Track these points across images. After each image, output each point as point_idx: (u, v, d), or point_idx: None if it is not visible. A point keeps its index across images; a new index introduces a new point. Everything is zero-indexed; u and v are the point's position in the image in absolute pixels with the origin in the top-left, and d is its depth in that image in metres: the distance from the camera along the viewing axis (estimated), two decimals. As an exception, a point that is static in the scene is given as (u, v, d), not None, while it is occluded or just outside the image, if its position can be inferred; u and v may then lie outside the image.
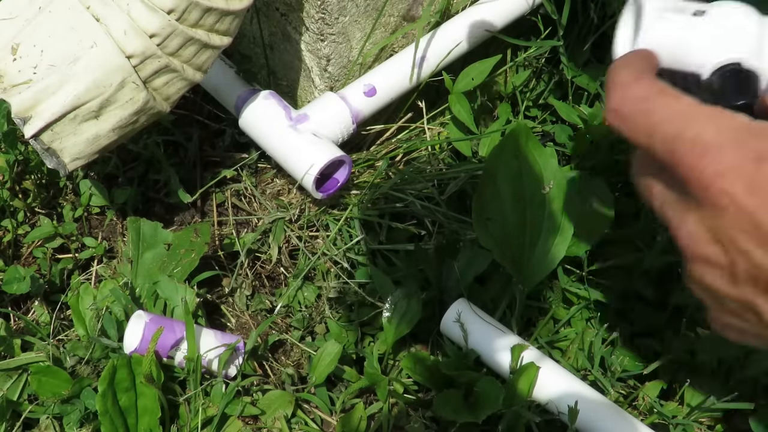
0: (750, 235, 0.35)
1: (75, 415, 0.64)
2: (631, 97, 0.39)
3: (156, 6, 0.59)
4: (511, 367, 0.65)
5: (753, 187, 0.35)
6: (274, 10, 0.79)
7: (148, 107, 0.63)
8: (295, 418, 0.67)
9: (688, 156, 0.36)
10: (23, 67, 0.59)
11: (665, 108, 0.37)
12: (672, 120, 0.37)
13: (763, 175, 0.35)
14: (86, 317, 0.69)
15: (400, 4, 0.81)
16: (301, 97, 0.86)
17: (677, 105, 0.37)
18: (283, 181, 0.84)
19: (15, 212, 0.79)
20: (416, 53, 0.80)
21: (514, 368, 0.65)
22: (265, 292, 0.77)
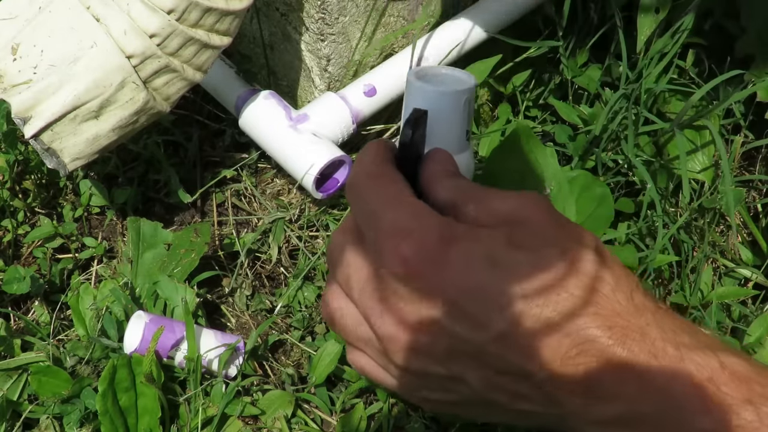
0: (446, 312, 0.37)
1: (75, 415, 0.64)
2: (363, 169, 0.42)
3: (156, 6, 0.59)
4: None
5: (437, 269, 0.37)
6: (274, 10, 0.79)
7: (148, 107, 0.63)
8: (295, 418, 0.67)
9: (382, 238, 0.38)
10: (23, 67, 0.59)
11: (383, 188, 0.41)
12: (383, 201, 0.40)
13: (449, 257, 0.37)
14: (86, 317, 0.69)
15: (401, 4, 0.81)
16: (301, 97, 0.86)
17: (389, 188, 0.40)
18: (283, 181, 0.84)
19: (15, 212, 0.79)
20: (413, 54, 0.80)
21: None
22: (265, 292, 0.77)
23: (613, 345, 0.35)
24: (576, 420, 0.37)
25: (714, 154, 0.80)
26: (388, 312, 0.38)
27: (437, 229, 0.38)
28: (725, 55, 0.81)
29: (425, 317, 0.37)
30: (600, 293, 0.36)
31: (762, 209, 0.82)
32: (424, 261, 0.37)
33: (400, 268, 0.37)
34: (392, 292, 0.38)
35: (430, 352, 0.38)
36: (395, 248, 0.37)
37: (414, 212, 0.39)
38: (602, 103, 0.85)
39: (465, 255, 0.37)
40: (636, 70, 0.80)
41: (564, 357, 0.35)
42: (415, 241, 0.37)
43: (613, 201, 0.73)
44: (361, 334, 0.41)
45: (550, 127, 0.87)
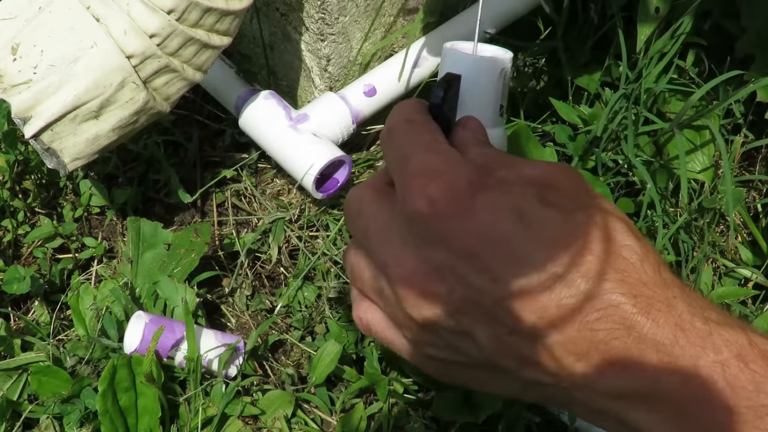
0: (466, 261, 0.35)
1: (75, 415, 0.64)
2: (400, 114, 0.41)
3: (156, 6, 0.59)
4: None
5: (462, 214, 0.35)
6: (274, 10, 0.79)
7: (148, 107, 0.63)
8: (295, 418, 0.67)
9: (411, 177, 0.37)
10: (23, 67, 0.59)
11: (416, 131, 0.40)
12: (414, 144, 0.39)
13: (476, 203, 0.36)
14: (86, 317, 0.69)
15: (400, 4, 0.81)
16: (301, 97, 0.86)
17: (424, 133, 0.39)
18: (283, 181, 0.84)
19: (15, 212, 0.79)
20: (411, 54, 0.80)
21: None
22: (265, 292, 0.77)
23: (637, 313, 0.34)
24: (586, 393, 0.35)
25: (714, 154, 0.80)
26: (407, 255, 0.37)
27: (467, 175, 0.37)
28: (725, 55, 0.81)
29: (444, 263, 0.36)
30: (627, 261, 0.35)
31: (762, 209, 0.82)
32: (451, 203, 0.36)
33: (426, 207, 0.36)
34: (414, 234, 0.37)
35: (443, 301, 0.36)
36: (423, 187, 0.36)
37: (446, 158, 0.38)
38: (602, 103, 0.85)
39: (493, 204, 0.36)
40: (636, 70, 0.80)
41: (583, 321, 0.34)
42: (444, 182, 0.36)
43: (613, 201, 0.73)
44: (375, 282, 0.39)
45: (550, 127, 0.87)
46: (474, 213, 0.35)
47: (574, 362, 0.35)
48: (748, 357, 0.33)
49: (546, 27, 0.86)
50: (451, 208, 0.36)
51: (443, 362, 0.39)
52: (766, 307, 0.72)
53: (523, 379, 0.37)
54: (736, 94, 0.76)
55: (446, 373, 0.41)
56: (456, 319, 0.36)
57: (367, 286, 0.40)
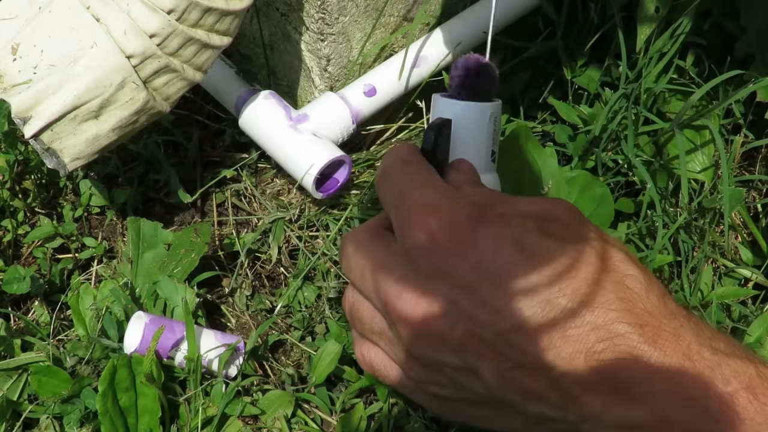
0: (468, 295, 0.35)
1: (75, 415, 0.64)
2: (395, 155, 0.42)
3: (156, 6, 0.59)
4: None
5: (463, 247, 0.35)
6: (274, 10, 0.79)
7: (148, 107, 0.63)
8: (295, 418, 0.67)
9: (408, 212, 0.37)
10: (23, 67, 0.59)
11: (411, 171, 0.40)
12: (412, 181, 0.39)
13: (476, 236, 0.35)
14: (86, 317, 0.69)
15: (400, 3, 0.81)
16: (301, 97, 0.86)
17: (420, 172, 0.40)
18: (283, 181, 0.84)
19: (15, 212, 0.79)
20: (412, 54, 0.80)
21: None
22: (265, 292, 0.77)
23: (644, 343, 0.33)
24: (593, 426, 0.35)
25: (714, 154, 0.80)
26: (406, 291, 0.36)
27: (467, 208, 0.37)
28: (725, 55, 0.81)
29: (444, 298, 0.35)
30: (632, 291, 0.35)
31: (762, 209, 0.82)
32: (451, 237, 0.35)
33: (426, 241, 0.36)
34: (414, 270, 0.36)
35: (445, 338, 0.36)
36: (422, 221, 0.36)
37: (444, 193, 0.38)
38: (602, 103, 0.85)
39: (493, 237, 0.35)
40: (636, 69, 0.80)
41: (589, 351, 0.33)
42: (443, 215, 0.36)
43: (612, 201, 0.73)
44: (376, 325, 0.39)
45: (550, 127, 0.87)
46: (475, 246, 0.35)
47: (581, 394, 0.34)
48: (758, 389, 0.33)
49: (546, 27, 0.86)
50: (451, 241, 0.35)
51: (447, 400, 0.39)
52: (766, 307, 0.72)
53: (528, 414, 0.36)
54: (736, 94, 0.76)
55: (450, 411, 0.40)
56: (460, 356, 0.36)
57: (367, 328, 0.40)
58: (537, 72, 0.91)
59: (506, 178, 0.70)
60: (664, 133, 0.80)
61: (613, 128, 0.79)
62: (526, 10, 0.85)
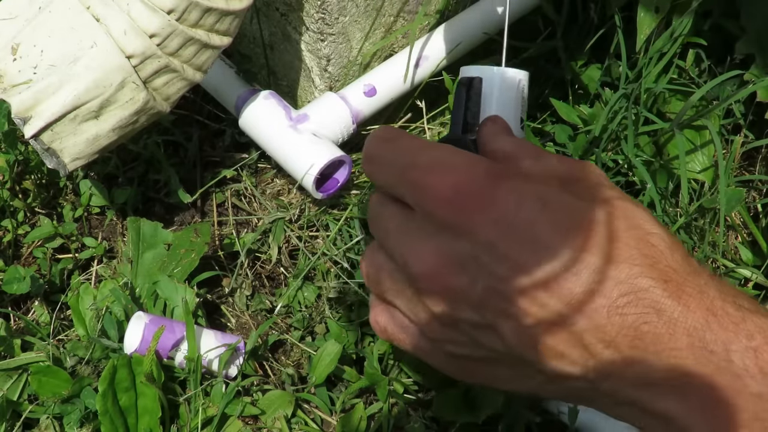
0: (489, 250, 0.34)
1: (75, 415, 0.64)
2: (376, 138, 0.40)
3: (156, 6, 0.59)
4: (511, 367, 0.65)
5: (484, 203, 0.35)
6: (274, 10, 0.79)
7: (148, 107, 0.63)
8: (295, 418, 0.67)
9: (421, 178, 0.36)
10: (23, 67, 0.59)
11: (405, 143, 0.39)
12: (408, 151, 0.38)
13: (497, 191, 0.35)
14: (86, 317, 0.69)
15: (400, 3, 0.81)
16: (301, 97, 0.86)
17: (414, 141, 0.39)
18: (283, 181, 0.84)
19: (15, 212, 0.79)
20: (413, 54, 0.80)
21: (514, 368, 0.65)
22: (265, 292, 0.77)
23: (668, 297, 0.33)
24: (613, 383, 0.34)
25: (714, 154, 0.80)
26: (426, 250, 0.36)
27: (484, 165, 0.36)
28: (725, 55, 0.81)
29: (466, 254, 0.35)
30: (656, 248, 0.34)
31: (762, 209, 0.82)
32: (470, 194, 0.35)
33: (444, 201, 0.35)
34: (434, 229, 0.36)
35: (465, 294, 0.35)
36: (439, 182, 0.35)
37: (454, 151, 0.37)
38: (602, 103, 0.85)
39: (515, 192, 0.35)
40: (636, 69, 0.80)
41: (612, 306, 0.33)
42: (461, 174, 0.35)
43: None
44: (395, 284, 0.38)
45: (550, 127, 0.87)
46: (496, 201, 0.35)
47: (603, 349, 0.34)
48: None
49: (546, 27, 0.86)
50: (471, 197, 0.35)
51: (464, 359, 0.38)
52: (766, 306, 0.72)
53: (547, 372, 0.36)
54: (736, 94, 0.76)
55: (466, 372, 0.39)
56: (480, 313, 0.35)
57: (386, 287, 0.39)
58: (537, 72, 0.91)
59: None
60: (664, 133, 0.80)
61: (613, 128, 0.79)
62: (526, 9, 0.85)
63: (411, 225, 0.37)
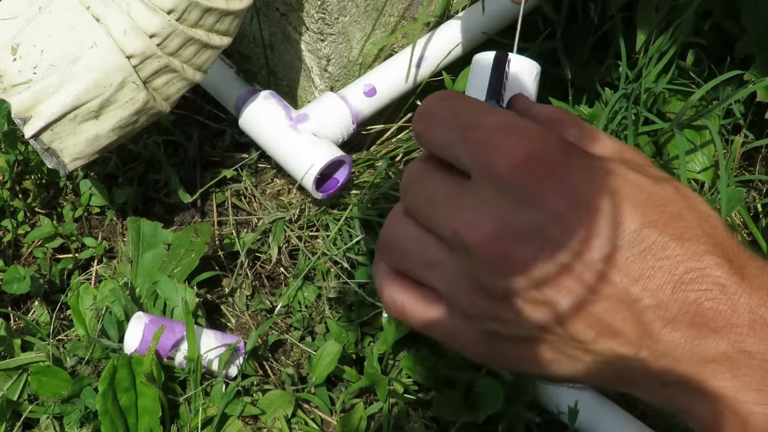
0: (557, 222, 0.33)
1: (75, 415, 0.64)
2: (435, 96, 0.38)
3: (156, 6, 0.59)
4: (511, 367, 0.65)
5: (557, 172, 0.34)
6: (274, 10, 0.79)
7: (148, 107, 0.63)
8: (295, 418, 0.67)
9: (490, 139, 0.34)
10: (23, 67, 0.59)
11: (468, 103, 0.37)
12: (472, 111, 0.36)
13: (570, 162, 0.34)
14: (86, 317, 0.69)
15: (400, 4, 0.81)
16: (301, 97, 0.86)
17: (478, 103, 0.37)
18: (283, 181, 0.84)
19: (15, 212, 0.79)
20: (413, 53, 0.80)
21: (514, 368, 0.65)
22: (265, 292, 0.77)
23: (732, 275, 0.34)
24: (667, 362, 0.34)
25: (714, 154, 0.80)
26: (484, 218, 0.34)
27: (555, 134, 0.35)
28: (725, 55, 0.81)
29: (532, 224, 0.33)
30: (717, 229, 0.35)
31: (762, 209, 0.82)
32: (544, 162, 0.33)
33: (515, 166, 0.33)
34: (496, 195, 0.34)
35: (527, 266, 0.33)
36: (511, 144, 0.33)
37: (522, 118, 0.36)
38: (602, 103, 0.85)
39: (586, 165, 0.34)
40: (636, 69, 0.80)
41: (677, 282, 0.33)
42: (535, 139, 0.34)
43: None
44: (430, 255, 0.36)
45: (550, 127, 0.87)
46: (569, 172, 0.34)
47: (661, 328, 0.33)
48: None
49: (546, 27, 0.86)
50: (544, 165, 0.33)
51: (503, 340, 0.36)
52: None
53: (595, 353, 0.35)
54: (736, 94, 0.76)
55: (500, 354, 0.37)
56: (539, 287, 0.34)
57: (413, 261, 0.37)
58: (537, 72, 0.91)
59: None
60: (664, 133, 0.80)
61: (613, 128, 0.79)
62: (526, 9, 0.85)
63: (464, 191, 0.35)
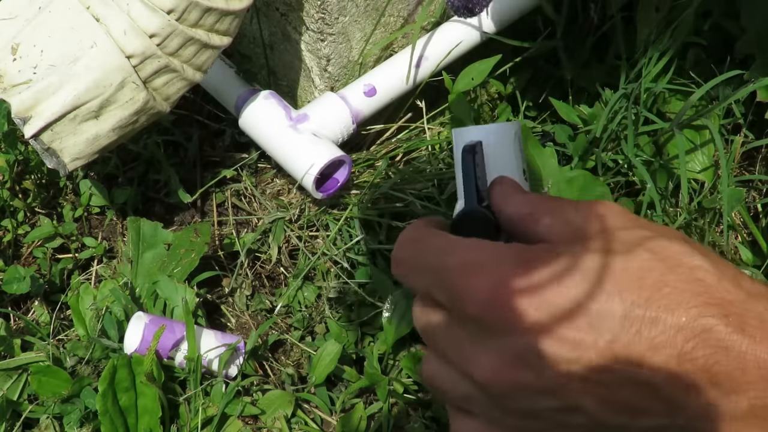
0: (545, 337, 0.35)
1: (75, 415, 0.64)
2: (403, 239, 0.40)
3: (156, 6, 0.59)
4: (511, 367, 0.65)
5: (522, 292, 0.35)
6: (274, 10, 0.79)
7: (148, 107, 0.63)
8: (295, 417, 0.67)
9: (455, 283, 0.36)
10: (23, 67, 0.59)
11: (432, 244, 0.39)
12: (436, 253, 0.38)
13: (532, 276, 0.35)
14: (86, 317, 0.69)
15: (400, 4, 0.81)
16: (301, 97, 0.86)
17: (439, 239, 0.39)
18: (283, 181, 0.84)
19: (15, 212, 0.79)
20: (413, 54, 0.80)
21: (514, 368, 0.65)
22: (265, 292, 0.77)
23: (733, 332, 0.33)
24: (705, 423, 0.35)
25: (714, 154, 0.80)
26: (482, 354, 0.36)
27: (510, 253, 0.36)
28: (725, 55, 0.81)
29: (522, 348, 0.35)
30: (705, 282, 0.34)
31: (762, 209, 0.82)
32: (506, 289, 0.35)
33: (482, 304, 0.35)
34: (481, 331, 0.36)
35: (536, 386, 0.36)
36: (471, 287, 0.36)
37: (476, 247, 0.37)
38: (602, 103, 0.85)
39: (550, 272, 0.35)
40: (636, 69, 0.80)
41: (680, 354, 0.33)
42: (490, 271, 0.36)
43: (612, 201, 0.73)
44: (463, 391, 0.39)
45: (550, 127, 0.87)
46: (534, 288, 0.35)
47: (684, 397, 0.34)
48: None
49: (546, 27, 0.86)
50: (508, 293, 0.35)
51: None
52: None
53: (638, 428, 0.36)
54: (736, 94, 0.76)
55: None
56: (557, 397, 0.36)
57: (456, 395, 0.40)
58: (537, 72, 0.91)
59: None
60: (664, 133, 0.80)
61: (613, 128, 0.79)
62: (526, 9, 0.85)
63: (458, 332, 0.38)
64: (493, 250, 0.37)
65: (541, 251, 0.37)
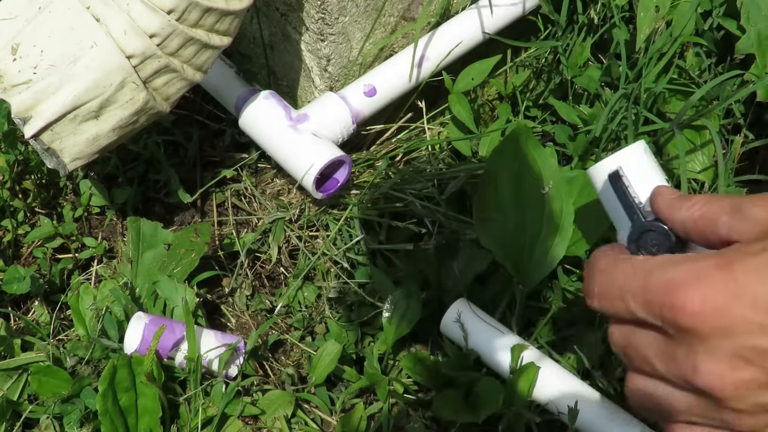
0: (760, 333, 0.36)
1: (75, 415, 0.64)
2: (592, 272, 0.42)
3: (156, 6, 0.59)
4: (511, 367, 0.65)
5: (729, 294, 0.36)
6: (274, 10, 0.79)
7: (148, 107, 0.63)
8: (295, 418, 0.67)
9: (666, 301, 0.37)
10: (23, 67, 0.59)
11: (624, 270, 0.40)
12: (634, 277, 0.39)
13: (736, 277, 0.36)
14: (86, 317, 0.69)
15: (400, 4, 0.81)
16: (301, 97, 0.86)
17: (631, 263, 0.40)
18: (283, 181, 0.84)
19: (15, 212, 0.79)
20: (414, 53, 0.80)
21: (514, 368, 0.65)
22: (265, 292, 0.77)
23: None
24: None
25: (714, 154, 0.80)
26: (705, 362, 0.37)
27: (709, 263, 0.37)
28: (725, 55, 0.81)
29: (744, 348, 0.36)
30: None
31: (762, 209, 0.82)
32: (716, 296, 0.36)
33: (697, 315, 0.36)
34: (699, 342, 0.37)
35: (762, 381, 0.37)
36: (681, 300, 0.37)
37: (672, 262, 0.38)
38: (602, 103, 0.85)
39: (753, 270, 0.36)
40: (636, 69, 0.80)
41: None
42: (695, 282, 0.37)
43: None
44: (685, 403, 0.40)
45: (550, 127, 0.87)
46: (741, 288, 0.36)
47: None
48: None
49: (546, 27, 0.86)
50: (719, 298, 0.36)
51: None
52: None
53: None
54: (736, 94, 0.76)
55: None
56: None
57: (677, 409, 0.40)
58: (537, 72, 0.91)
59: (506, 178, 0.70)
60: (664, 133, 0.80)
61: (613, 128, 0.79)
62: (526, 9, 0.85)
63: (672, 346, 0.39)
64: (691, 263, 0.38)
65: (736, 253, 0.37)
